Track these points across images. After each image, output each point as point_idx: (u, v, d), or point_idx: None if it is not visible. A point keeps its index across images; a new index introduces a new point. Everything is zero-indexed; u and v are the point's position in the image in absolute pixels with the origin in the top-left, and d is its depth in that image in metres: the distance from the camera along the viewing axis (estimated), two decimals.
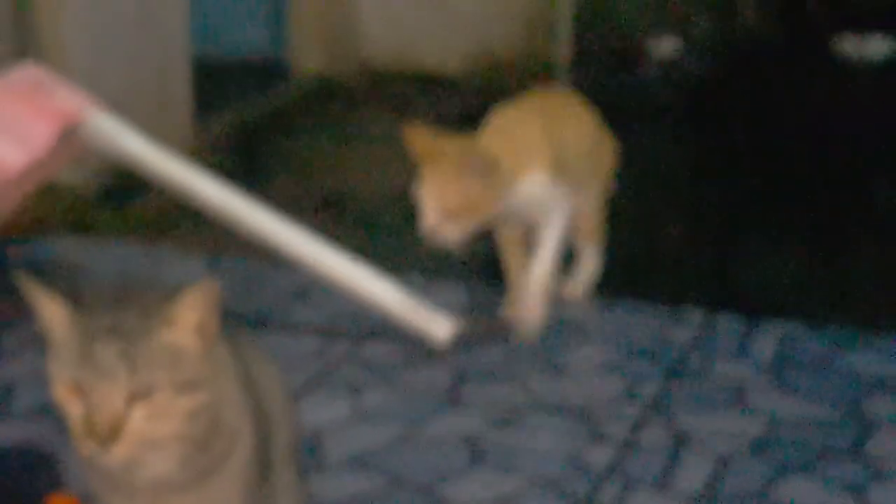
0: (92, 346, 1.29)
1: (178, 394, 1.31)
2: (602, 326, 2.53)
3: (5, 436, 2.10)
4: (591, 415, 2.20)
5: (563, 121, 2.50)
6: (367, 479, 2.01)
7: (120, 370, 1.28)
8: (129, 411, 1.29)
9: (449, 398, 2.26)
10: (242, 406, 1.42)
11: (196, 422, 1.33)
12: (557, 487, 1.99)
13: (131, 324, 1.30)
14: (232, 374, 1.42)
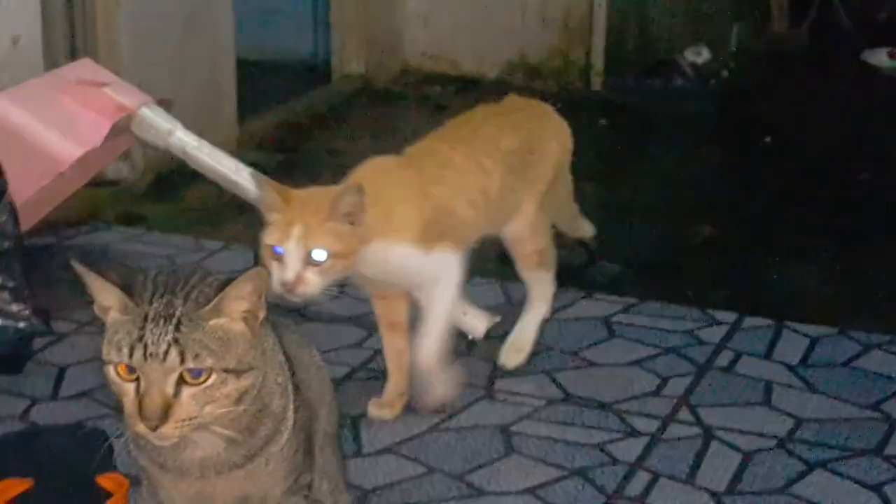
0: (145, 331, 1.35)
1: (225, 378, 1.36)
2: (632, 325, 2.58)
3: (57, 417, 2.18)
4: (621, 410, 2.26)
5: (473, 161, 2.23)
6: (403, 467, 2.08)
7: (171, 355, 1.34)
8: (178, 394, 1.35)
9: (483, 391, 2.32)
10: (288, 391, 1.49)
11: (242, 404, 1.39)
12: (587, 479, 2.05)
13: (183, 310, 1.36)
14: (277, 360, 1.48)
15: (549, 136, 2.42)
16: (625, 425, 2.21)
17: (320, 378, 1.62)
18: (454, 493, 2.01)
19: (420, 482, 2.04)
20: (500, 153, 2.28)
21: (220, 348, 1.36)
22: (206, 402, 1.36)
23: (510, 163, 2.29)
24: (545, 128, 2.43)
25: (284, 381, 1.48)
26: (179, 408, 1.35)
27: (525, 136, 2.35)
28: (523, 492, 2.02)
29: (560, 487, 2.03)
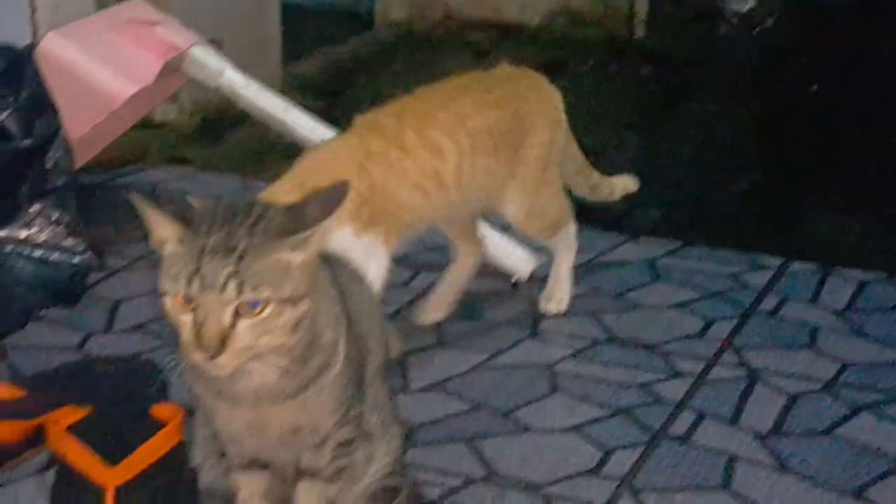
0: (203, 263, 1.36)
1: (281, 309, 1.38)
2: (677, 268, 2.60)
3: (111, 349, 2.22)
4: (666, 351, 2.28)
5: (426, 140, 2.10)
6: (449, 403, 2.10)
7: (229, 287, 1.36)
8: (235, 325, 1.37)
9: (528, 331, 2.35)
10: (340, 324, 1.51)
11: (297, 335, 1.41)
12: (632, 417, 2.08)
13: (241, 241, 1.37)
14: (331, 294, 1.50)
15: (538, 114, 2.25)
16: (669, 366, 2.23)
17: (371, 312, 1.64)
18: (500, 429, 2.04)
19: (466, 418, 2.07)
20: (467, 133, 2.13)
21: (279, 279, 1.38)
22: (263, 332, 1.38)
23: (482, 144, 2.15)
24: (533, 106, 2.26)
25: (337, 314, 1.50)
26: (236, 338, 1.37)
27: (507, 116, 2.20)
28: (568, 429, 2.04)
29: (605, 425, 2.05)
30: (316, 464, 1.57)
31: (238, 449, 1.58)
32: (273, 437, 1.54)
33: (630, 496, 1.87)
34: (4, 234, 2.31)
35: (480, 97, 2.18)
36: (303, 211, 1.40)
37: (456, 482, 1.89)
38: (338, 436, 1.56)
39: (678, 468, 1.94)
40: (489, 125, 2.16)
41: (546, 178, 2.24)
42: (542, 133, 2.24)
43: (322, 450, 1.56)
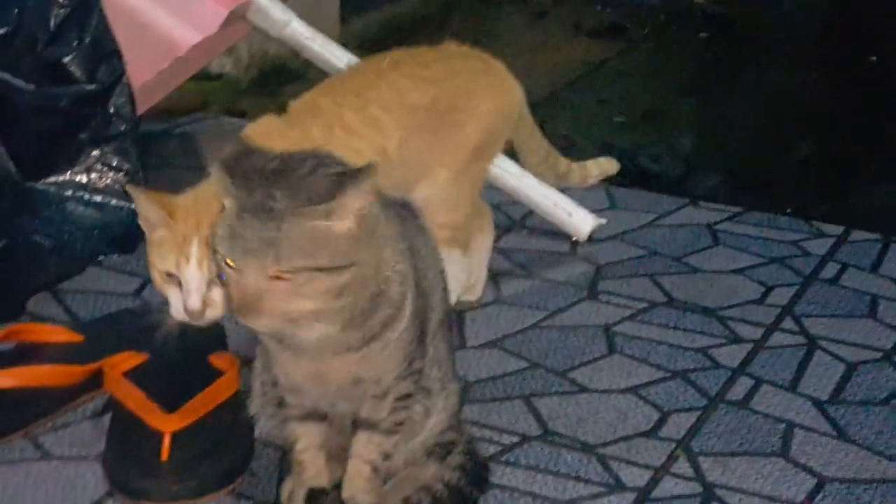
0: (242, 223, 1.35)
1: (315, 276, 1.36)
2: (736, 234, 2.57)
3: None
4: (724, 316, 2.26)
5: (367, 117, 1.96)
6: (506, 361, 2.10)
7: (264, 251, 1.34)
8: (269, 289, 1.35)
9: (586, 292, 2.33)
10: (407, 280, 1.50)
11: (342, 299, 1.39)
12: (689, 381, 2.06)
13: (283, 206, 1.35)
14: (398, 247, 1.49)
15: (483, 96, 2.07)
16: (728, 331, 2.21)
17: (434, 265, 1.63)
18: (556, 388, 2.03)
19: (522, 376, 2.06)
20: (405, 108, 1.98)
21: (314, 247, 1.35)
22: (297, 296, 1.36)
23: (418, 120, 1.99)
24: (478, 86, 2.07)
25: (405, 269, 1.49)
26: (269, 302, 1.36)
27: (446, 93, 2.02)
28: (625, 390, 2.03)
29: (662, 388, 2.04)
30: (375, 416, 1.57)
31: (298, 399, 1.58)
32: (334, 387, 1.54)
33: (686, 459, 1.86)
34: (64, 178, 2.31)
35: (420, 72, 2.02)
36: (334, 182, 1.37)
37: (512, 440, 1.89)
38: (398, 388, 1.56)
39: (735, 433, 1.93)
40: (424, 101, 2.00)
41: (473, 169, 2.08)
42: (486, 119, 2.07)
43: (382, 402, 1.56)
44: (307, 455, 1.62)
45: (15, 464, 1.78)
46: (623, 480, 1.81)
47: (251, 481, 1.77)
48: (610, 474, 1.82)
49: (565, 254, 2.46)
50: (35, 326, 2.02)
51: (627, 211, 2.63)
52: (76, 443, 1.84)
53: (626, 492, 1.78)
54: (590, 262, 2.42)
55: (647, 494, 1.78)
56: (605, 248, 2.48)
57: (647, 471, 1.83)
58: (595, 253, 2.45)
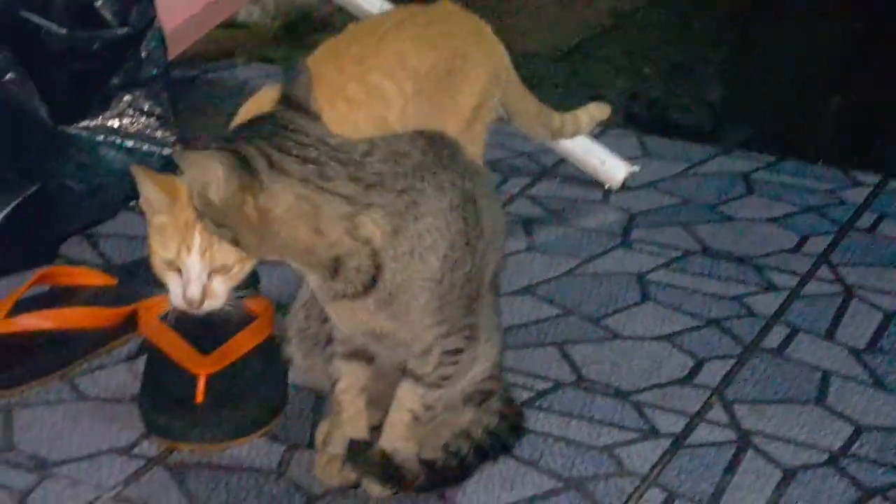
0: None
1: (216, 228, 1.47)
2: (771, 182, 2.55)
3: None
4: (759, 264, 2.25)
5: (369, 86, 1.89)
6: (539, 308, 2.09)
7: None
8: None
9: (620, 239, 2.32)
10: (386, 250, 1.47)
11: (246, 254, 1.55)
12: (724, 329, 2.05)
13: None
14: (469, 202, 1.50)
15: (476, 59, 2.01)
16: (763, 280, 2.20)
17: (497, 220, 1.60)
18: (590, 334, 2.02)
19: (556, 323, 2.05)
20: (407, 73, 1.91)
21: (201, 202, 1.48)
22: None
23: (420, 86, 1.92)
24: (472, 49, 2.01)
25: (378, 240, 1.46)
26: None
27: (444, 56, 1.96)
28: (659, 338, 2.02)
29: (696, 335, 2.03)
30: (420, 370, 1.56)
31: (347, 336, 1.58)
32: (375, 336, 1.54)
33: (721, 407, 1.85)
34: (96, 123, 2.31)
35: (419, 34, 1.96)
36: None
37: (545, 386, 1.88)
38: (443, 344, 1.54)
39: (771, 381, 1.92)
40: (426, 65, 1.94)
41: (473, 131, 2.01)
42: (480, 81, 2.00)
43: (427, 357, 1.55)
44: (347, 395, 1.62)
45: (52, 405, 1.79)
46: (658, 427, 1.80)
47: (285, 424, 1.77)
48: (645, 421, 1.82)
49: (598, 202, 2.44)
50: (69, 269, 2.02)
51: (660, 159, 2.62)
52: (111, 385, 1.84)
53: (661, 438, 1.78)
54: (623, 210, 2.41)
55: (683, 441, 1.78)
56: (639, 196, 2.46)
57: (682, 417, 1.83)
58: (628, 201, 2.44)
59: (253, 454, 1.71)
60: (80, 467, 1.66)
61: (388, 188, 1.46)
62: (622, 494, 1.66)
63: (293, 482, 1.65)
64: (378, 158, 1.48)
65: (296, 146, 1.45)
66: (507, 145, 2.60)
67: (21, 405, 1.78)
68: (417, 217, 1.46)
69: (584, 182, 2.47)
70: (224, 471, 1.67)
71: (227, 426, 1.73)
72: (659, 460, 1.73)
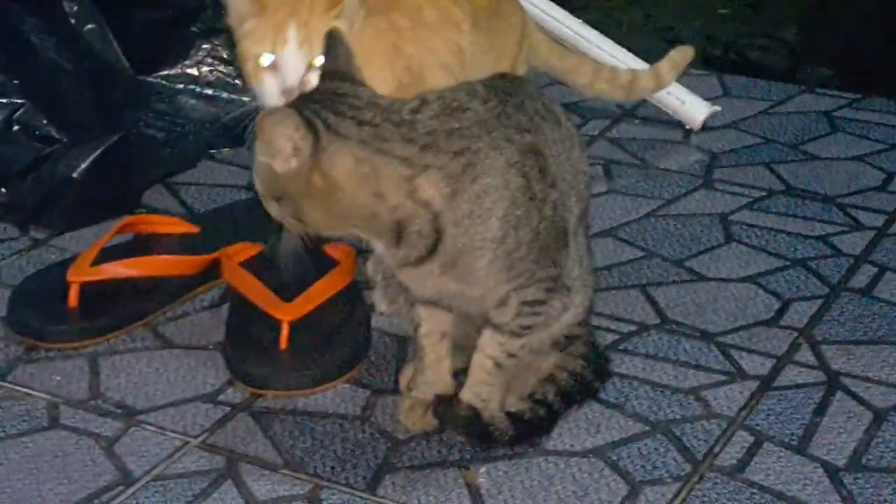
0: None
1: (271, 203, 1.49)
2: (855, 120, 2.51)
3: None
4: (844, 203, 2.21)
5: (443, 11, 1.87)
6: (621, 250, 2.07)
7: None
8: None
9: (701, 180, 2.29)
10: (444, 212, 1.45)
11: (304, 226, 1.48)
12: (810, 269, 2.02)
13: None
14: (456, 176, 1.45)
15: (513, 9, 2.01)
16: (849, 219, 2.16)
17: (576, 168, 1.57)
18: (673, 276, 2.00)
19: (638, 265, 2.03)
20: (466, 5, 1.88)
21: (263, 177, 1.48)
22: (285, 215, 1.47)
23: (478, 19, 1.89)
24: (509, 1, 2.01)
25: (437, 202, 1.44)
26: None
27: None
28: (744, 279, 1.99)
29: (782, 276, 2.00)
30: (500, 319, 1.54)
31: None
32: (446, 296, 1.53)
33: (809, 348, 1.83)
34: (175, 71, 2.32)
35: None
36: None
37: (629, 328, 1.87)
38: (522, 295, 1.52)
39: (859, 321, 1.89)
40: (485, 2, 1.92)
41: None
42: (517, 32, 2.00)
43: (505, 308, 1.53)
44: (429, 340, 1.61)
45: (137, 352, 1.80)
46: (745, 369, 1.78)
47: (369, 369, 1.77)
48: (731, 363, 1.79)
49: (678, 142, 2.41)
50: (151, 218, 2.04)
51: (741, 99, 2.58)
52: (196, 332, 1.85)
53: (748, 380, 1.76)
54: (704, 151, 2.38)
55: (770, 383, 1.75)
56: (720, 136, 2.43)
57: (769, 359, 1.80)
58: (709, 141, 2.41)
59: (337, 400, 1.71)
60: (166, 414, 1.68)
61: (443, 149, 1.43)
62: (710, 437, 1.64)
63: (377, 427, 1.65)
64: (430, 115, 1.45)
65: (349, 109, 1.43)
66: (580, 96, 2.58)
67: (107, 353, 1.80)
68: (475, 178, 1.44)
69: (664, 123, 2.45)
70: (309, 417, 1.68)
71: (312, 372, 1.73)
72: (746, 403, 1.71)
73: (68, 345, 1.80)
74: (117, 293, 1.85)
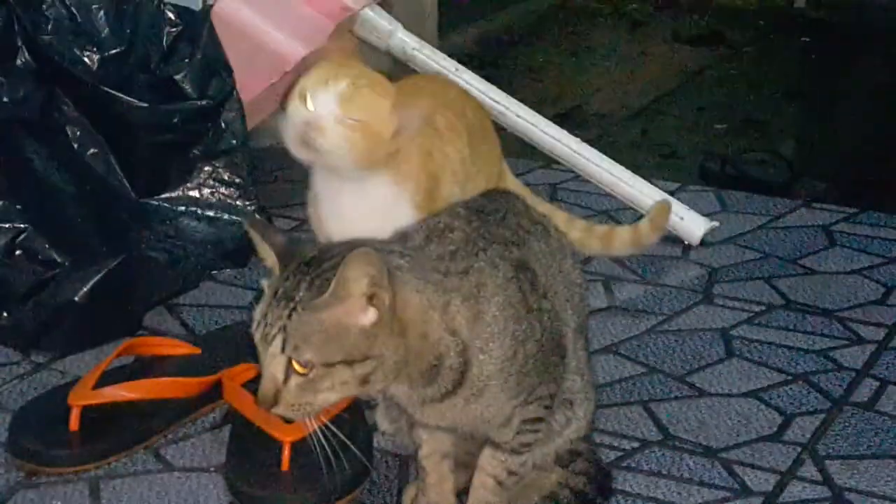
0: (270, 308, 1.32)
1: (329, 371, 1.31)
2: (853, 234, 2.52)
3: None
4: (844, 317, 2.21)
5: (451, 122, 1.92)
6: (623, 366, 2.07)
7: (276, 341, 1.31)
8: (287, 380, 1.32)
9: (702, 295, 2.30)
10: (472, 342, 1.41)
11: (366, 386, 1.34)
12: (811, 383, 2.02)
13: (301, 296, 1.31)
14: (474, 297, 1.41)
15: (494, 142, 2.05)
16: (849, 332, 2.16)
17: (568, 280, 1.57)
18: (675, 392, 2.00)
19: (640, 381, 2.03)
20: (465, 120, 1.94)
21: (324, 342, 1.30)
22: (315, 391, 1.32)
23: (472, 137, 1.93)
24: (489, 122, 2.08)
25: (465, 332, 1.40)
26: (287, 394, 1.33)
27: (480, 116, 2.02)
28: (746, 394, 1.99)
29: (784, 391, 2.00)
30: (501, 438, 1.53)
31: None
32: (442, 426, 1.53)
33: (813, 463, 1.82)
34: (177, 194, 2.33)
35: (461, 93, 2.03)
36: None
37: (632, 445, 1.86)
38: (523, 414, 1.51)
39: (863, 436, 1.88)
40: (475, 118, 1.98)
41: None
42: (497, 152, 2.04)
43: (506, 427, 1.52)
44: (430, 462, 1.61)
45: (138, 476, 1.79)
46: (749, 485, 1.77)
47: (371, 490, 1.75)
48: (735, 479, 1.78)
49: (678, 258, 2.43)
50: (153, 340, 2.03)
51: (739, 214, 2.60)
52: (197, 454, 1.84)
53: (753, 496, 1.74)
54: (703, 266, 2.39)
55: (775, 499, 1.74)
56: (719, 251, 2.45)
57: (773, 475, 1.79)
58: (708, 256, 2.42)
59: None
60: None
61: (453, 271, 1.40)
62: None
63: None
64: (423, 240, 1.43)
65: (380, 242, 1.40)
66: (584, 204, 2.60)
67: (108, 476, 1.79)
68: (488, 298, 1.42)
69: (663, 239, 2.45)
70: None
71: (314, 494, 1.72)
72: None
73: (69, 469, 1.79)
74: (119, 416, 1.84)
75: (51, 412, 1.85)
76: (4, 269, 2.08)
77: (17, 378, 2.02)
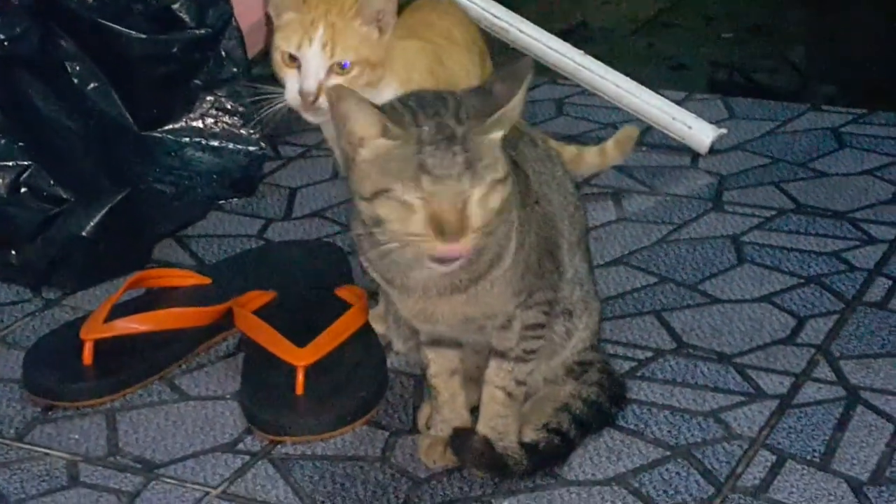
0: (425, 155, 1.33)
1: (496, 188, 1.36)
2: (862, 135, 2.50)
3: (291, 235, 2.23)
4: (856, 218, 2.20)
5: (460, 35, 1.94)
6: (634, 277, 2.06)
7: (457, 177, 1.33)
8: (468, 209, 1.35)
9: (711, 203, 2.29)
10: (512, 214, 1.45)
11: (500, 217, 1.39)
12: (824, 285, 2.01)
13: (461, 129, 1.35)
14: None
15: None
16: (860, 233, 2.15)
17: (562, 189, 1.59)
18: (688, 300, 1.99)
19: (653, 290, 2.02)
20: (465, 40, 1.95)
21: (495, 160, 1.36)
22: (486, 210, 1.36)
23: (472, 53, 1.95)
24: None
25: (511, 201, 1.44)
26: (472, 220, 1.35)
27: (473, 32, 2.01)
28: (759, 299, 1.98)
29: (797, 294, 1.99)
30: (504, 345, 1.55)
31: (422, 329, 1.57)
32: (443, 326, 1.53)
33: (827, 364, 1.82)
34: (181, 125, 2.33)
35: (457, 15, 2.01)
36: (491, 92, 1.38)
37: (646, 354, 1.86)
38: (524, 318, 1.53)
39: (876, 335, 1.88)
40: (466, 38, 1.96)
41: None
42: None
43: (508, 332, 1.54)
44: (439, 380, 1.62)
45: (154, 406, 1.80)
46: (764, 388, 1.77)
47: (387, 410, 1.76)
48: (749, 383, 1.78)
49: (687, 167, 2.41)
50: (163, 271, 2.04)
51: (747, 120, 2.58)
52: (212, 383, 1.85)
53: (768, 399, 1.75)
54: (713, 174, 2.38)
55: (790, 401, 1.74)
56: (728, 158, 2.43)
57: (787, 377, 1.79)
58: (717, 164, 2.40)
59: (356, 442, 1.71)
60: (186, 466, 1.67)
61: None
62: (731, 459, 1.63)
63: (398, 468, 1.65)
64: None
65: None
66: (591, 118, 2.58)
67: (124, 408, 1.80)
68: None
69: (671, 149, 2.44)
70: (329, 461, 1.67)
71: (329, 416, 1.73)
72: (767, 422, 1.70)
73: (85, 403, 1.80)
74: (132, 348, 1.85)
75: (64, 347, 1.86)
76: (10, 207, 2.08)
77: (29, 315, 2.03)
